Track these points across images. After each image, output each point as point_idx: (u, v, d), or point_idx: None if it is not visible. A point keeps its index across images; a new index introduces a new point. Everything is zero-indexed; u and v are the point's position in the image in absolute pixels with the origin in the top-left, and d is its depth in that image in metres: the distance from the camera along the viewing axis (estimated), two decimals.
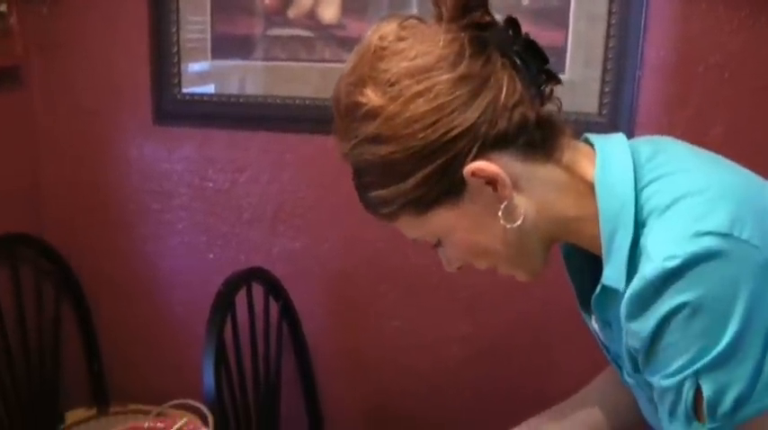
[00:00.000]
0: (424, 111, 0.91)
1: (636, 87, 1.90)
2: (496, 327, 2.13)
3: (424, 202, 0.96)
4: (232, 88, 2.22)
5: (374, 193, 0.98)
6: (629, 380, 1.03)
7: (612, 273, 0.93)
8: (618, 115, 1.91)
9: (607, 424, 1.27)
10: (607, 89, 1.91)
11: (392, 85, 0.92)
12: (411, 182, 0.93)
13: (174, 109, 2.24)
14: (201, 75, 2.23)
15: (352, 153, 0.97)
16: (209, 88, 2.23)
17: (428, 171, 0.92)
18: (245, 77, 2.21)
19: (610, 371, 1.29)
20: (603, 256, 0.94)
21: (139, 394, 2.40)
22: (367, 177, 0.98)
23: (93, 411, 2.41)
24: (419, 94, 0.91)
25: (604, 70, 1.91)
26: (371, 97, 0.93)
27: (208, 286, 1.94)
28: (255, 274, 2.09)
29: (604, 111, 1.92)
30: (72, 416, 2.37)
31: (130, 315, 2.45)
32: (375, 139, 0.93)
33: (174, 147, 2.26)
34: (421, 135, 0.91)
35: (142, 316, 2.44)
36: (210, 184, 2.26)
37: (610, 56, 1.90)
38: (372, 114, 0.93)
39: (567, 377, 2.07)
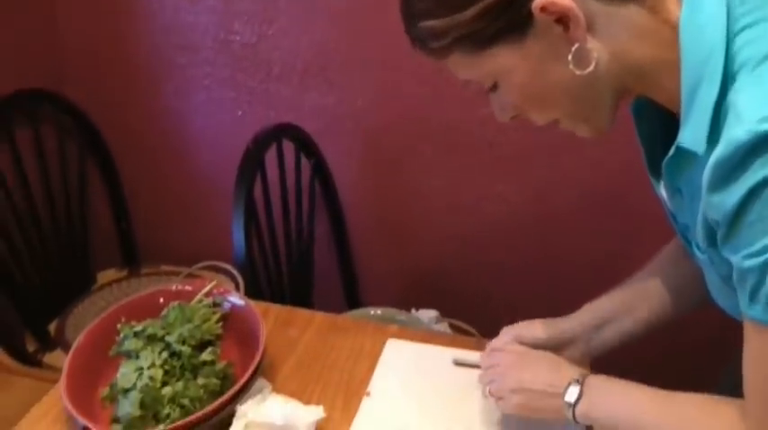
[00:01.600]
0: None
1: None
2: (539, 188, 2.04)
3: (482, 38, 0.86)
4: None
5: (426, 23, 0.87)
6: (699, 254, 0.93)
7: (691, 134, 0.82)
8: None
9: (671, 304, 1.19)
10: None
11: None
12: (470, 12, 0.84)
13: None
14: None
15: None
16: None
17: (491, 0, 0.82)
18: None
19: (673, 246, 1.20)
20: (682, 113, 0.83)
21: (170, 255, 2.39)
22: (419, 4, 0.88)
23: (125, 272, 2.42)
24: None
25: None
26: None
27: (236, 143, 1.86)
28: (286, 131, 2.00)
29: None
30: (103, 276, 2.39)
31: (157, 174, 2.40)
32: None
33: None
34: None
35: (169, 175, 2.39)
36: (237, 38, 2.14)
37: None
38: None
39: (612, 241, 2.01)
